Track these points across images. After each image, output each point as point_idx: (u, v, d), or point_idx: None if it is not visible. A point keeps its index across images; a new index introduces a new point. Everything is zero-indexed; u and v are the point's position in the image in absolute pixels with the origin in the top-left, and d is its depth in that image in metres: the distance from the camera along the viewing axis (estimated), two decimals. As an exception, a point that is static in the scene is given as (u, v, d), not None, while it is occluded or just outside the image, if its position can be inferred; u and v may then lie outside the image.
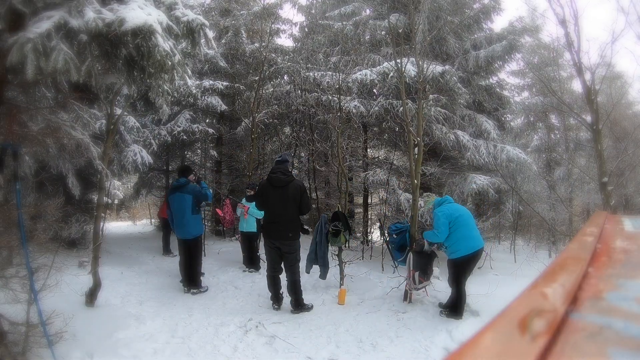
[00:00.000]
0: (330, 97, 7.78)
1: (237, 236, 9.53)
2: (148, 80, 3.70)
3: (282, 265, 4.66)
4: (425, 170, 7.47)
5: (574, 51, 7.42)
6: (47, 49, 2.86)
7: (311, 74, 8.37)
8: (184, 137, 9.20)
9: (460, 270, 4.35)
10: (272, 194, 4.46)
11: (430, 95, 6.82)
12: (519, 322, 0.23)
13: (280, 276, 4.73)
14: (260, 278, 6.13)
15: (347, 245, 5.62)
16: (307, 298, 4.83)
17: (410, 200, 6.05)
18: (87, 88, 4.33)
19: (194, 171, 5.91)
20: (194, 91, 8.74)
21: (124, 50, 3.41)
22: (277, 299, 4.70)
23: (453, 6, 8.72)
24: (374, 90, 8.24)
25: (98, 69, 3.64)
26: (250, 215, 6.81)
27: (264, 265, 6.96)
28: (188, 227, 5.34)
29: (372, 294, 5.25)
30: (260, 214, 6.89)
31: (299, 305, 4.57)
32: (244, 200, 7.02)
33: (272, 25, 10.33)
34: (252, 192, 6.87)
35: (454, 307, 4.35)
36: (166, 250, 8.00)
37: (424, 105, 6.10)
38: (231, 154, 11.02)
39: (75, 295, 4.34)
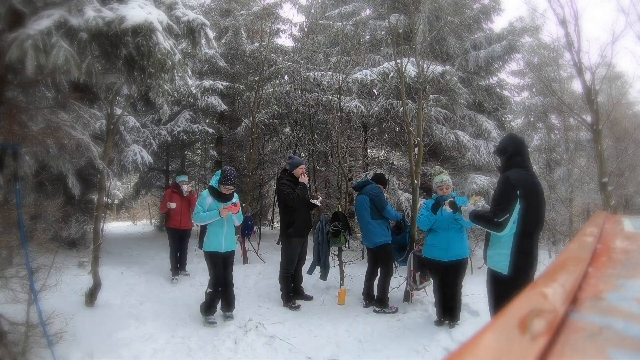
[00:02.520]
0: (330, 97, 7.78)
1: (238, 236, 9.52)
2: (148, 80, 3.70)
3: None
4: (425, 170, 7.46)
5: (574, 51, 7.40)
6: (47, 46, 2.86)
7: (311, 74, 8.36)
8: (184, 137, 9.21)
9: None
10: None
11: (431, 96, 6.82)
12: (519, 322, 0.23)
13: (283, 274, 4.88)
14: (260, 278, 6.13)
15: (347, 245, 5.62)
16: (307, 298, 4.84)
17: (410, 200, 6.04)
18: (87, 88, 4.33)
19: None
20: (194, 91, 8.75)
21: (124, 49, 3.42)
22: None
23: (453, 6, 8.72)
24: (374, 91, 8.23)
25: (98, 68, 3.64)
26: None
27: (264, 265, 6.97)
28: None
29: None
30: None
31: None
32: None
33: (272, 25, 10.33)
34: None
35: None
36: (180, 268, 6.34)
37: (424, 106, 6.10)
38: (231, 154, 11.02)
39: (75, 295, 4.35)
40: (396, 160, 9.32)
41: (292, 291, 4.87)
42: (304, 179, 4.80)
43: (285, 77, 9.87)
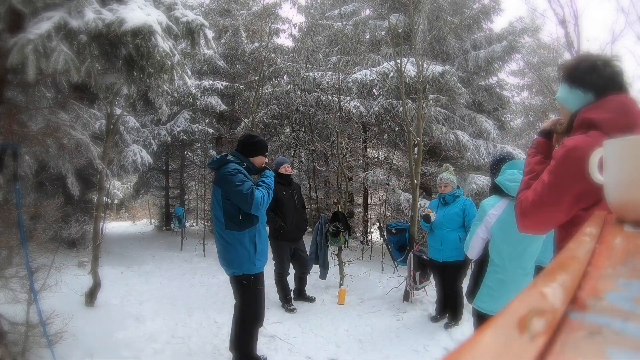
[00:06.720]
0: (330, 97, 7.79)
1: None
2: (148, 81, 3.70)
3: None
4: (425, 170, 7.47)
5: (574, 51, 7.42)
6: (48, 50, 2.87)
7: (311, 74, 8.37)
8: (184, 137, 9.22)
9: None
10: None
11: (430, 95, 6.82)
12: (518, 321, 0.23)
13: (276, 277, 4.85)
14: (260, 278, 6.12)
15: (346, 245, 5.61)
16: (307, 298, 4.83)
17: (410, 200, 6.05)
18: (87, 88, 4.34)
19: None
20: (194, 91, 8.76)
21: (123, 50, 3.42)
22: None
23: (453, 6, 8.73)
24: (374, 90, 8.24)
25: (98, 69, 3.64)
26: None
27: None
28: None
29: (372, 294, 5.25)
30: None
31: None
32: None
33: (272, 25, 10.34)
34: None
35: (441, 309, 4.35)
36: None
37: (424, 105, 6.10)
38: (231, 154, 11.01)
39: (75, 295, 4.35)
40: (396, 160, 9.33)
41: (289, 293, 4.82)
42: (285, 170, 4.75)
43: (285, 77, 9.88)
